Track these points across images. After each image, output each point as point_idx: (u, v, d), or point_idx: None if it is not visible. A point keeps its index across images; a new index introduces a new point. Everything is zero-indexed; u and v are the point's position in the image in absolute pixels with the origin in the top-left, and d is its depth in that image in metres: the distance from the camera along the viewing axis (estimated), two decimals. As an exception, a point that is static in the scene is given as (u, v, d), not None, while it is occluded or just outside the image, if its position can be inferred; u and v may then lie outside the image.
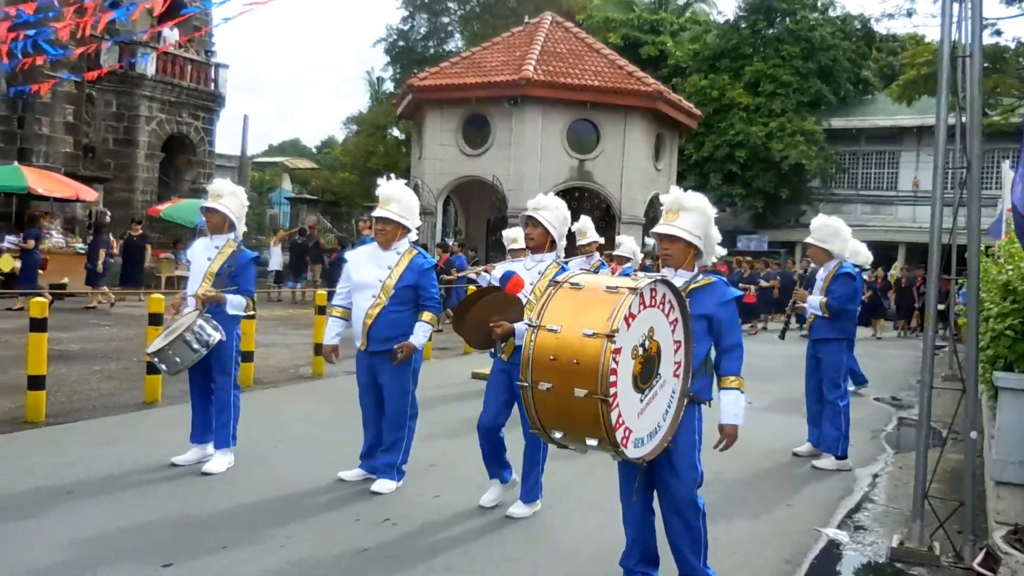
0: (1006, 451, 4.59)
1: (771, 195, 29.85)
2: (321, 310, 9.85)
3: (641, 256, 10.22)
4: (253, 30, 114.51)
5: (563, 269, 4.67)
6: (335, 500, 5.13)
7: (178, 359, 5.10)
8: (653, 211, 22.20)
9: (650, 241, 23.28)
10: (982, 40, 4.72)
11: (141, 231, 16.94)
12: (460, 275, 6.93)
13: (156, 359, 5.19)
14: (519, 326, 4.52)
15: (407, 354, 5.15)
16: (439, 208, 20.35)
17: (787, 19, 31.39)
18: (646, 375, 3.24)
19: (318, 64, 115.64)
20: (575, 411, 3.11)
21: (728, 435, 3.63)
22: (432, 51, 37.36)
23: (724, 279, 3.74)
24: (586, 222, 8.54)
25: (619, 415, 3.10)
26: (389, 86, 38.77)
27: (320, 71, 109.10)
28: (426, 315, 5.25)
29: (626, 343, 3.10)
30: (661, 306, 3.31)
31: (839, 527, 5.35)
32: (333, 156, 44.22)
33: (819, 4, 32.17)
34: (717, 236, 3.79)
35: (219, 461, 5.48)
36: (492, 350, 4.80)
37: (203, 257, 5.52)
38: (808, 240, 6.97)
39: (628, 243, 8.98)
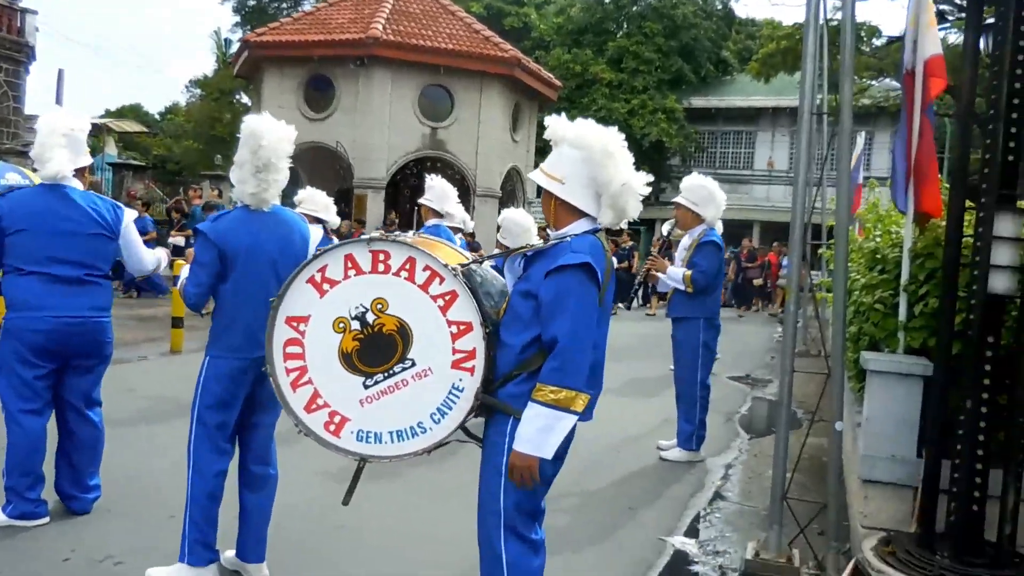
0: (875, 445, 3.85)
1: (632, 173, 29.75)
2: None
3: (472, 225, 9.09)
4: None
5: None
6: None
7: None
8: (511, 183, 21.35)
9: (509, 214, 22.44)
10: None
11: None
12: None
13: None
14: None
15: None
16: (280, 177, 18.63)
17: (651, -4, 31.28)
18: (372, 356, 2.70)
19: (161, 22, 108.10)
20: None
21: (514, 466, 2.51)
22: (286, 13, 35.05)
23: (578, 243, 2.55)
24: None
25: (314, 394, 2.76)
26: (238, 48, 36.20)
27: (164, 30, 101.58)
28: None
29: (319, 312, 2.75)
30: (405, 274, 2.69)
31: (687, 534, 4.60)
32: (176, 123, 41.24)
33: (682, -18, 32.21)
34: (621, 180, 2.57)
35: None
36: None
37: None
38: (678, 199, 6.09)
39: (457, 212, 7.93)
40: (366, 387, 2.69)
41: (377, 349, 2.67)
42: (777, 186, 29.17)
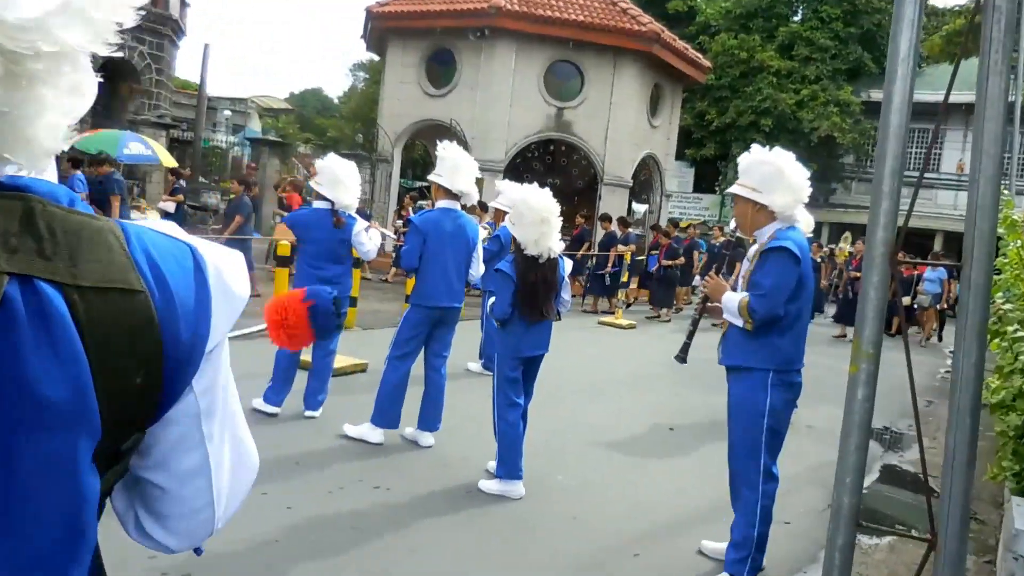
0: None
1: (798, 170, 26.96)
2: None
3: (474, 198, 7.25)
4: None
5: None
6: None
7: None
8: (645, 172, 19.49)
9: (639, 208, 20.58)
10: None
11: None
12: None
13: None
14: None
15: None
16: (396, 156, 17.75)
17: (831, -23, 28.27)
18: None
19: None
20: None
21: None
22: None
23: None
24: None
25: None
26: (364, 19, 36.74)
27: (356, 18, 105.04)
28: None
29: None
30: None
31: None
32: (349, 106, 42.71)
33: (867, -38, 28.90)
34: None
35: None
36: None
37: None
38: (733, 188, 3.87)
39: (509, 191, 6.29)
40: None
41: None
42: (967, 192, 25.50)
